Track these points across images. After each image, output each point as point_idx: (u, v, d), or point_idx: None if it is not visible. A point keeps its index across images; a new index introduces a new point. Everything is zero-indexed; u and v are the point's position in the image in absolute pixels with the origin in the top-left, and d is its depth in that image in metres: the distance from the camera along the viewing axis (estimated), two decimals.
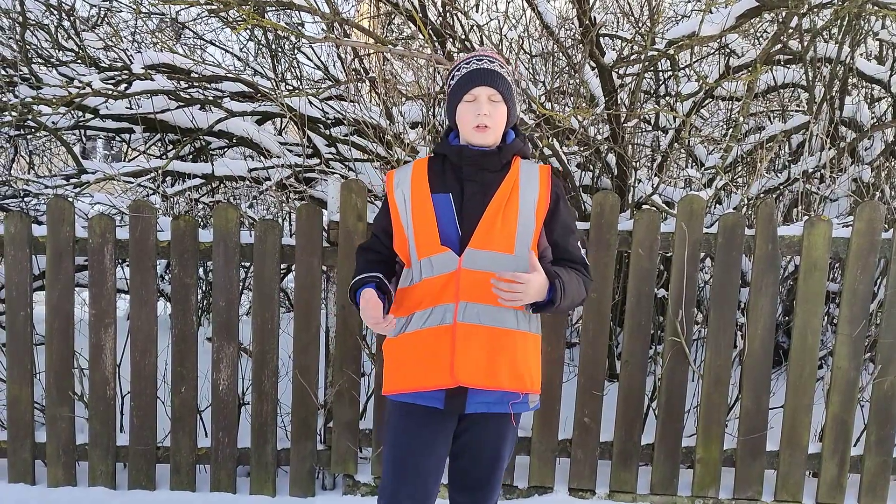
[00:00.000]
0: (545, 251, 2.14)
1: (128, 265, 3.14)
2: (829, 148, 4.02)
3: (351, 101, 4.02)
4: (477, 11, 4.71)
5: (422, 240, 2.05)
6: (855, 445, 3.27)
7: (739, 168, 4.58)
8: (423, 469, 2.10)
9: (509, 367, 2.04)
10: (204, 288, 5.18)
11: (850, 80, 4.42)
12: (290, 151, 4.58)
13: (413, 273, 2.08)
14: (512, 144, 2.13)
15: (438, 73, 3.74)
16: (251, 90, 4.58)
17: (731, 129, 4.14)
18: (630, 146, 4.27)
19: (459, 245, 2.02)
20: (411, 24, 4.37)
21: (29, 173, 5.67)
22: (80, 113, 4.69)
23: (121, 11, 5.54)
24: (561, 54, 4.23)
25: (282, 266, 3.20)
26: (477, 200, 2.05)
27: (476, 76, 2.06)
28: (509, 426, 2.16)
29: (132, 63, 4.61)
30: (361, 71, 4.67)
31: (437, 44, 3.79)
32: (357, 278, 2.13)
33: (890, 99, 4.54)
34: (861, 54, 4.77)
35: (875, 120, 4.50)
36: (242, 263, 3.25)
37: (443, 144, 2.17)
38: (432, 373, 2.03)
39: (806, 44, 3.97)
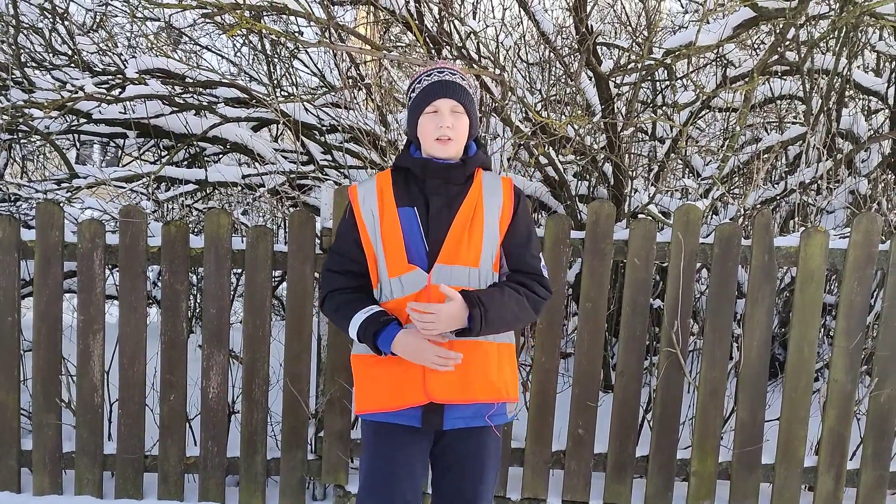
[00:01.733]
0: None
1: (118, 271, 3.11)
2: (826, 159, 4.00)
3: (346, 107, 4.00)
4: (473, 18, 4.70)
5: (392, 258, 2.02)
6: (851, 459, 3.24)
7: (736, 179, 4.57)
8: (399, 491, 2.06)
9: (482, 379, 2.03)
10: (195, 294, 5.14)
11: (847, 92, 4.42)
12: (285, 158, 4.55)
13: (382, 291, 2.07)
14: (475, 157, 2.11)
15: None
16: (246, 96, 4.56)
17: (727, 140, 4.13)
18: (626, 155, 4.25)
19: (427, 260, 2.00)
20: (409, 34, 4.36)
21: (22, 178, 5.64)
22: (73, 117, 4.65)
23: (116, 16, 5.52)
24: (557, 62, 4.22)
25: (275, 273, 3.16)
26: (443, 214, 2.03)
27: (438, 88, 2.03)
28: (491, 438, 2.13)
29: (126, 67, 4.59)
30: (357, 78, 4.65)
31: (433, 51, 3.77)
32: (364, 318, 2.02)
33: (887, 111, 4.54)
34: (858, 66, 4.78)
35: (872, 132, 4.49)
36: (234, 270, 3.21)
37: (404, 157, 2.12)
38: (406, 391, 2.00)
39: (803, 55, 3.96)
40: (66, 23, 4.96)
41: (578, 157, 4.09)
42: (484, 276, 2.04)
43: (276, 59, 5.34)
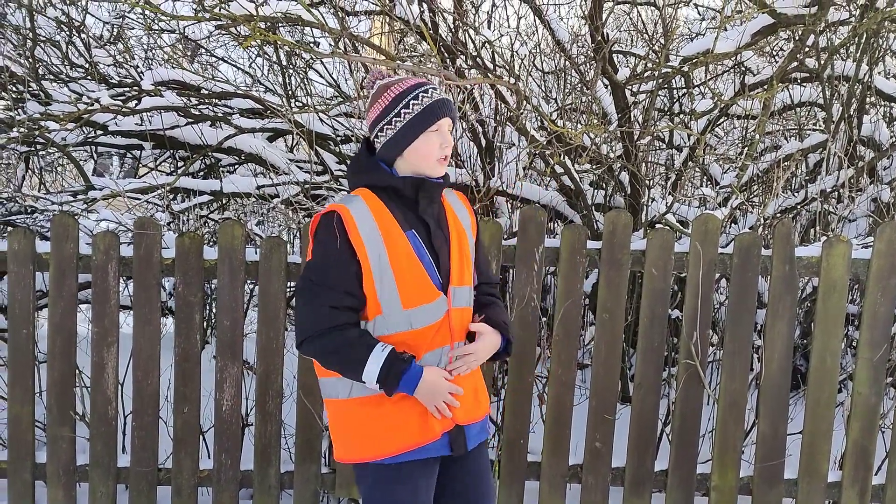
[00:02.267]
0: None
1: (132, 282, 3.10)
2: (848, 167, 3.94)
3: (361, 117, 3.99)
4: (488, 28, 4.68)
5: (411, 287, 1.92)
6: (876, 473, 3.18)
7: (755, 187, 4.52)
8: None
9: (482, 394, 2.13)
10: (209, 306, 5.14)
11: (868, 99, 4.36)
12: (300, 168, 4.55)
13: (389, 323, 1.92)
14: (446, 174, 2.08)
15: (449, 89, 3.70)
16: (261, 107, 4.56)
17: (746, 148, 4.08)
18: (643, 164, 4.21)
19: (442, 284, 1.98)
20: (423, 44, 4.35)
21: (39, 190, 5.67)
22: (90, 129, 4.68)
23: (132, 29, 5.55)
24: (573, 71, 4.19)
25: (289, 284, 3.14)
26: (440, 235, 2.01)
27: (442, 106, 1.96)
28: (487, 450, 2.20)
29: (142, 79, 4.61)
30: None
31: (447, 60, 3.76)
32: (385, 357, 1.86)
33: None
34: (879, 72, 4.71)
35: (894, 139, 4.43)
36: (248, 281, 3.20)
37: (382, 176, 1.97)
38: (433, 419, 1.96)
39: (823, 62, 3.91)
40: (83, 35, 4.99)
41: (594, 166, 4.06)
42: (471, 293, 2.10)
43: (290, 70, 5.34)
